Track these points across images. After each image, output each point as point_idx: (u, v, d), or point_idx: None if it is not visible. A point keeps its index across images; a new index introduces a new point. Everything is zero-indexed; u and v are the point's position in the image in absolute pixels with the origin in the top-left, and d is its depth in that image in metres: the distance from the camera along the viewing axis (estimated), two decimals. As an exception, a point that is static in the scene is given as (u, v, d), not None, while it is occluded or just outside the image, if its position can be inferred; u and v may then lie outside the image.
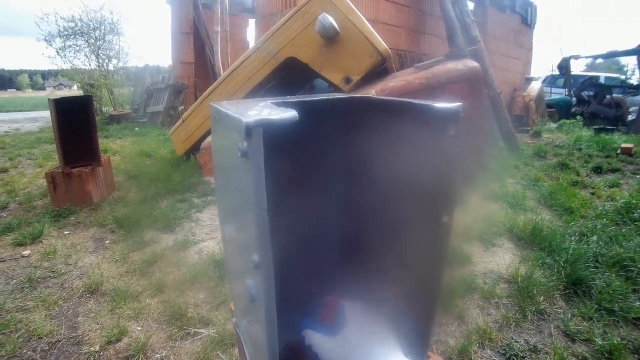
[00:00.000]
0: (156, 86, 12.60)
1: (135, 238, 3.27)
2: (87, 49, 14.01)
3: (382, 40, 3.95)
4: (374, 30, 3.99)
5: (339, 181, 1.09)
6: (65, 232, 3.49)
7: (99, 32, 14.06)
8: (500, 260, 2.86)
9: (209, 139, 5.11)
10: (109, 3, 13.73)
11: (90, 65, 14.22)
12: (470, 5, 9.60)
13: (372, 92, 3.54)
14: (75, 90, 17.53)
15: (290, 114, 0.70)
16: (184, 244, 3.17)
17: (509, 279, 2.60)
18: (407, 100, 0.92)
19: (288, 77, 4.75)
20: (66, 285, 2.62)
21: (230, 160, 0.89)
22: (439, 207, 0.93)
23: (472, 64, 3.93)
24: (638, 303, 2.26)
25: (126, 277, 2.70)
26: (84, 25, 13.77)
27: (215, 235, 3.36)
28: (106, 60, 14.48)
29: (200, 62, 12.15)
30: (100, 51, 14.17)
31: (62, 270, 2.80)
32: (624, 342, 1.95)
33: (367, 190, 1.07)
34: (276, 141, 0.69)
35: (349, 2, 4.03)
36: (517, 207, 3.82)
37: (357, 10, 4.02)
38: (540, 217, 3.53)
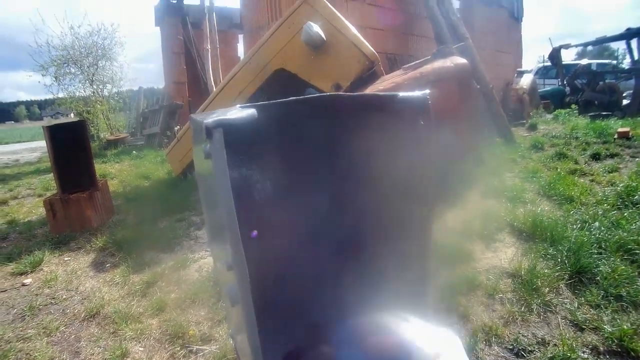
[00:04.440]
0: (151, 108, 12.66)
1: (135, 260, 3.25)
2: (81, 76, 14.12)
3: (368, 45, 3.96)
4: (360, 35, 4.00)
5: (326, 178, 1.07)
6: (66, 259, 3.48)
7: (91, 58, 14.17)
8: (503, 255, 2.84)
9: (205, 155, 5.10)
10: (98, 29, 13.59)
11: (85, 92, 14.33)
12: (456, 4, 9.67)
13: None
14: (72, 118, 17.65)
15: (249, 112, 0.69)
16: (183, 263, 3.15)
17: (512, 273, 2.56)
18: (374, 93, 0.92)
19: (279, 88, 4.75)
20: (68, 310, 2.60)
21: (202, 166, 0.89)
22: (419, 197, 0.92)
23: (460, 60, 3.93)
24: (645, 286, 2.23)
25: (127, 299, 2.68)
26: (76, 52, 13.89)
27: (215, 251, 3.35)
28: (100, 86, 14.58)
29: (193, 81, 12.20)
30: (94, 77, 14.28)
31: (64, 297, 2.79)
32: (633, 328, 1.91)
33: (353, 185, 1.05)
34: (244, 141, 0.69)
35: (334, 9, 4.05)
36: (517, 201, 3.78)
37: (342, 17, 4.03)
38: (540, 208, 3.51)
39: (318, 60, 4.07)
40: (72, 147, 4.17)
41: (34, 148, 17.60)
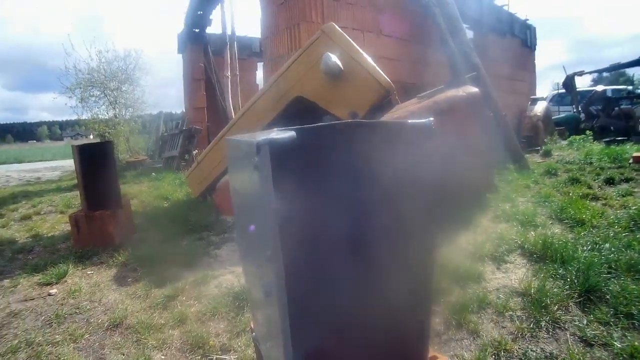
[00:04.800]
0: (170, 132, 13.06)
1: (157, 275, 3.37)
2: (104, 99, 14.63)
3: (384, 75, 4.11)
4: (376, 65, 4.16)
5: (350, 191, 1.22)
6: (89, 272, 3.62)
7: (115, 82, 14.70)
8: (513, 275, 2.90)
9: (224, 179, 5.26)
10: (124, 56, 14.18)
11: (107, 114, 14.82)
12: (470, 33, 9.90)
13: None
14: (92, 140, 18.26)
15: (290, 134, 0.88)
16: (203, 279, 3.26)
17: (522, 292, 2.61)
18: (385, 120, 1.10)
19: (298, 114, 4.92)
20: (92, 320, 2.72)
21: (245, 178, 1.05)
22: (424, 210, 1.06)
23: (472, 89, 4.06)
24: (656, 305, 2.26)
25: (149, 311, 2.79)
26: (101, 76, 14.43)
27: (234, 269, 3.45)
28: (123, 109, 15.07)
29: (212, 107, 12.62)
30: (117, 100, 14.77)
31: (88, 307, 2.92)
32: (644, 345, 1.96)
33: (365, 197, 1.20)
34: (284, 158, 0.86)
35: (351, 40, 4.23)
36: (528, 224, 3.83)
37: (359, 48, 4.21)
38: (551, 231, 3.57)
39: (335, 89, 4.22)
40: (98, 167, 4.37)
41: (54, 167, 18.19)
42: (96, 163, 4.36)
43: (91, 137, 18.97)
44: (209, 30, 12.78)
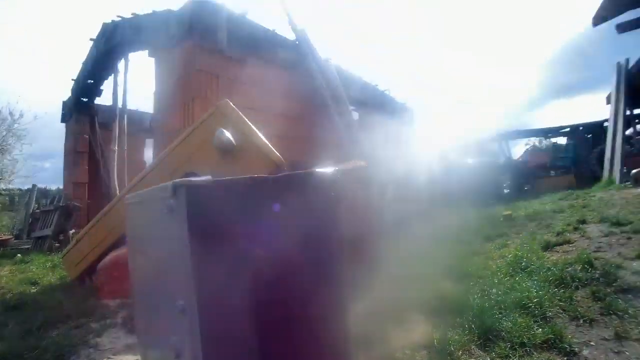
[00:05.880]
0: (44, 209, 11.65)
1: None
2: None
3: (275, 151, 4.24)
4: (267, 142, 4.29)
5: (256, 234, 1.21)
6: None
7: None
8: (416, 332, 2.95)
9: (107, 258, 4.81)
10: None
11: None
12: (356, 115, 10.82)
13: None
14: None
15: (206, 178, 0.91)
16: (81, 372, 2.78)
17: (426, 345, 2.68)
18: (293, 172, 1.19)
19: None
20: None
21: (152, 227, 1.11)
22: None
23: (360, 163, 4.33)
24: (540, 330, 2.58)
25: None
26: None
27: (118, 358, 3.05)
28: (-16, 182, 13.08)
29: (94, 183, 11.67)
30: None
31: None
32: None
33: (278, 243, 1.20)
34: (200, 201, 0.84)
35: (244, 117, 4.34)
36: (423, 283, 3.97)
37: (251, 125, 4.32)
38: (443, 286, 3.78)
39: (227, 165, 4.23)
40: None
41: None
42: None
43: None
44: (99, 100, 12.16)
